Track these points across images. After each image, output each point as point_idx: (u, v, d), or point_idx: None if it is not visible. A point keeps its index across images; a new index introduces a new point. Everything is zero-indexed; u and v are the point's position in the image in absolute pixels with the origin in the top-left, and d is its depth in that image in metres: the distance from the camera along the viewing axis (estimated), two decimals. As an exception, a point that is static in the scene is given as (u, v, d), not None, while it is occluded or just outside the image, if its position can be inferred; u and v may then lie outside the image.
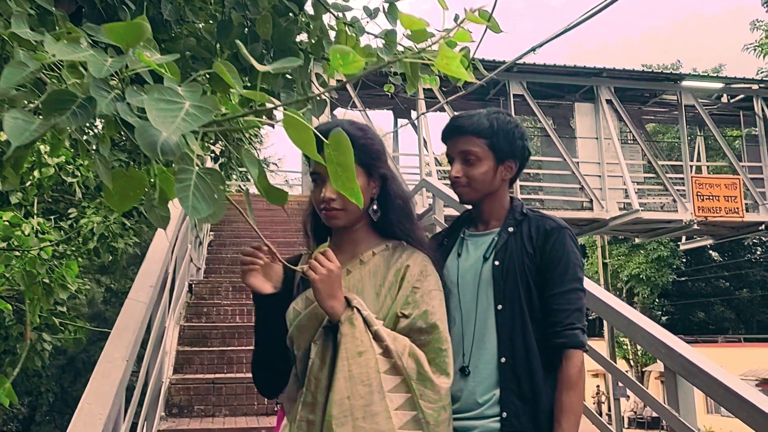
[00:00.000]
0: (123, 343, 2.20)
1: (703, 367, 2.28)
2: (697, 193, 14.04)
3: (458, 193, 1.84)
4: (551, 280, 1.69)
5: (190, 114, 1.05)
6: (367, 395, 1.43)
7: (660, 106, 16.64)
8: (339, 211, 1.61)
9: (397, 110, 15.54)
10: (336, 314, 1.49)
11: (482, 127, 1.77)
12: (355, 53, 1.12)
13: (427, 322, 1.54)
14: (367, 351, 1.46)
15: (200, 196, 1.07)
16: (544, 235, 1.73)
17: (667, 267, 25.37)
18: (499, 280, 1.72)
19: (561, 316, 1.67)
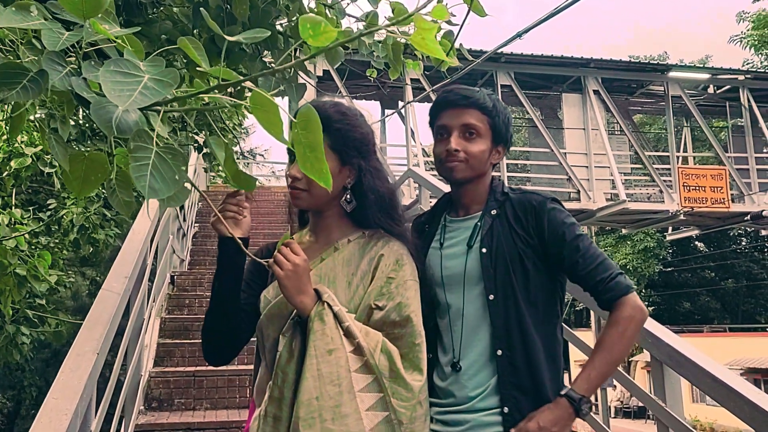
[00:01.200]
0: (94, 336, 2.13)
1: (690, 356, 2.23)
2: (683, 183, 14.05)
3: (452, 167, 1.71)
4: (566, 250, 1.62)
5: (148, 88, 0.98)
6: (337, 396, 1.37)
7: (647, 97, 16.64)
8: (302, 191, 1.55)
9: (385, 101, 15.44)
10: (305, 309, 1.43)
11: (487, 104, 1.70)
12: (326, 23, 1.05)
13: (401, 315, 1.48)
14: (337, 349, 1.40)
15: (159, 176, 1.00)
16: (533, 212, 1.66)
17: (654, 258, 25.50)
18: (489, 269, 1.63)
19: (598, 274, 1.60)
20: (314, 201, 1.56)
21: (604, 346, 1.56)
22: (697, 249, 31.66)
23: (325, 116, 1.52)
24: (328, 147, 1.52)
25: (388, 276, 1.51)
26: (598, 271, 1.60)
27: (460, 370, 1.64)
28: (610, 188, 13.76)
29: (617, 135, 15.70)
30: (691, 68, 15.44)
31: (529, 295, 1.62)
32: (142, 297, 3.28)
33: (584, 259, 1.61)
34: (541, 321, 1.63)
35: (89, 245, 5.89)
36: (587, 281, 1.61)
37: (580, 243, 1.62)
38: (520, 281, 1.63)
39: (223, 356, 1.61)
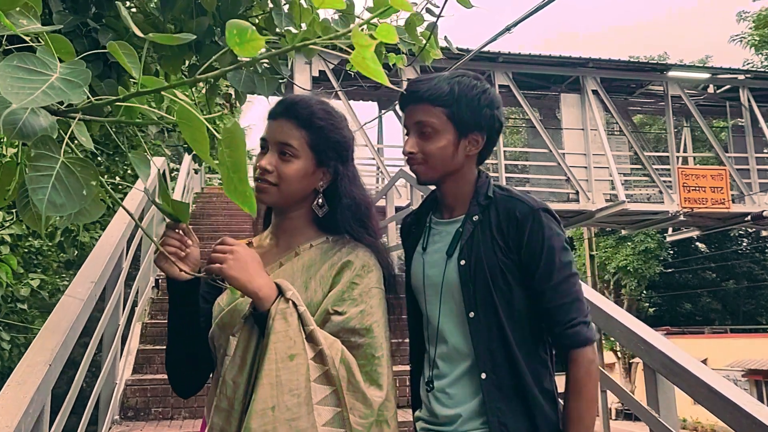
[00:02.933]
0: (48, 346, 2.00)
1: (684, 364, 2.11)
2: (683, 184, 13.94)
3: (413, 171, 1.56)
4: (538, 275, 1.43)
5: (54, 87, 0.87)
6: (295, 407, 1.23)
7: (646, 97, 16.54)
8: (271, 186, 1.41)
9: (382, 101, 15.33)
10: (265, 297, 1.28)
11: (440, 92, 1.49)
12: (254, 30, 0.93)
13: (362, 324, 1.34)
14: (299, 354, 1.25)
15: (63, 189, 0.89)
16: (516, 223, 1.46)
17: (654, 259, 25.34)
18: (468, 283, 1.46)
19: (558, 314, 1.42)
20: (282, 199, 1.43)
21: (575, 417, 1.41)
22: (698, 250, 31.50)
23: (309, 112, 1.42)
24: (306, 144, 1.41)
25: (351, 281, 1.38)
26: (562, 312, 1.42)
27: (433, 389, 1.52)
28: (610, 189, 13.64)
29: (616, 135, 15.58)
30: (690, 68, 15.31)
31: (513, 313, 1.46)
32: (115, 302, 3.14)
33: (553, 292, 1.43)
34: (526, 341, 1.46)
35: (74, 248, 5.76)
36: (548, 317, 1.45)
37: (556, 271, 1.43)
38: (501, 297, 1.45)
39: (191, 387, 1.47)
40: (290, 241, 1.48)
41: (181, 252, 1.31)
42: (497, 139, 1.58)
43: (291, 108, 1.43)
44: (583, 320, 1.43)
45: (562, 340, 1.43)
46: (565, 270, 1.44)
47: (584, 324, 1.43)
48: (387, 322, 1.41)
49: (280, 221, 1.50)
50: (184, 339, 1.40)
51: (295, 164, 1.41)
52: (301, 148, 1.41)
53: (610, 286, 26.76)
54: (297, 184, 1.42)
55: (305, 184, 1.44)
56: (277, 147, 1.42)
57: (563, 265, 1.44)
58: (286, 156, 1.41)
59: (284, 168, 1.41)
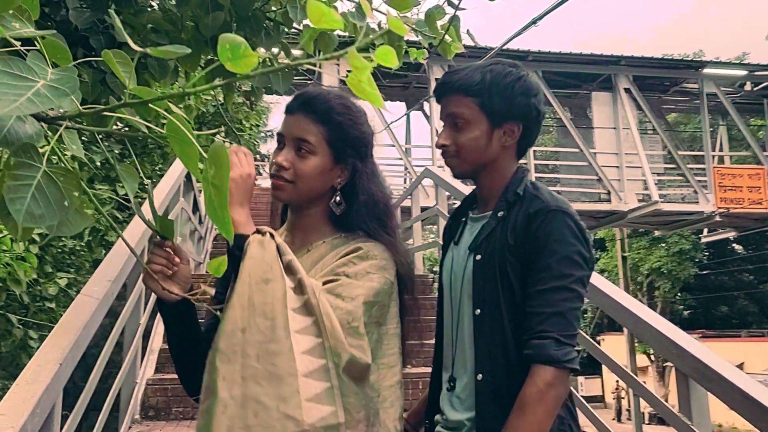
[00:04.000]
0: (60, 344, 1.97)
1: (718, 369, 2.00)
2: (719, 183, 13.62)
3: (448, 165, 1.52)
4: (530, 276, 1.34)
5: (40, 95, 0.83)
6: (268, 331, 1.13)
7: (681, 95, 16.18)
8: (287, 183, 1.36)
9: (410, 101, 15.26)
10: (242, 225, 1.23)
11: (471, 82, 1.43)
12: (247, 46, 0.88)
13: (348, 292, 1.25)
14: (275, 280, 1.18)
15: (43, 200, 0.84)
16: (526, 220, 1.37)
17: (689, 260, 24.81)
18: (479, 279, 1.40)
19: (532, 322, 1.30)
20: (298, 196, 1.38)
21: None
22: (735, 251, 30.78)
23: (327, 107, 1.37)
24: (324, 140, 1.36)
25: (351, 260, 1.31)
26: (535, 320, 1.30)
27: (454, 389, 1.44)
28: (643, 189, 13.38)
29: (650, 134, 15.28)
30: (727, 65, 14.96)
31: (515, 314, 1.36)
32: (135, 300, 3.12)
33: (537, 297, 1.32)
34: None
35: (102, 248, 5.81)
36: (524, 320, 1.33)
37: (548, 278, 1.32)
38: (506, 296, 1.37)
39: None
40: (305, 238, 1.43)
41: (167, 270, 1.26)
42: (537, 129, 1.50)
43: (309, 102, 1.38)
44: (556, 336, 1.28)
45: (525, 350, 1.30)
46: (561, 280, 1.32)
47: (555, 341, 1.27)
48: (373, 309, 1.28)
49: (296, 218, 1.45)
50: (188, 355, 1.35)
51: (312, 161, 1.36)
52: (318, 144, 1.36)
53: (643, 289, 26.29)
54: (314, 181, 1.37)
55: (322, 181, 1.38)
56: (293, 143, 1.37)
57: (560, 274, 1.32)
58: (302, 152, 1.36)
59: (301, 164, 1.36)
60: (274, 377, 1.11)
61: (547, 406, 1.26)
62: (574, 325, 1.32)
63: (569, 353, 1.29)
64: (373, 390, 1.25)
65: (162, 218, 1.22)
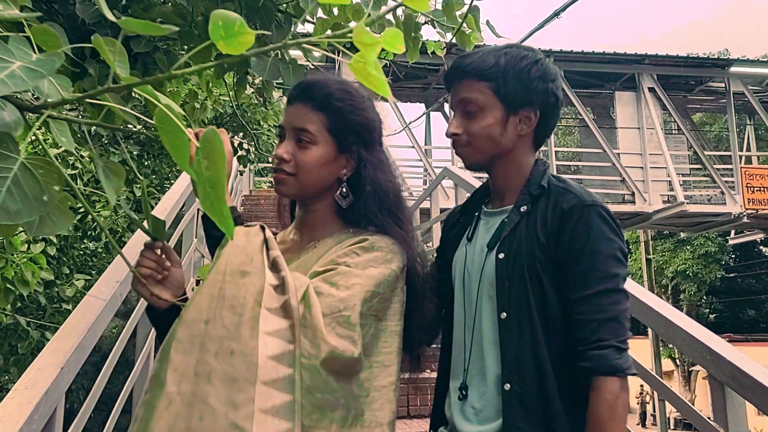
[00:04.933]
0: (63, 348, 1.90)
1: (759, 377, 1.87)
2: (746, 184, 13.32)
3: (459, 155, 1.42)
4: (572, 280, 1.23)
5: (15, 77, 0.76)
6: (233, 327, 1.03)
7: (706, 95, 15.88)
8: (288, 176, 1.28)
9: (430, 102, 15.15)
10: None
11: (485, 65, 1.33)
12: (243, 23, 0.78)
13: (345, 280, 1.15)
14: (254, 274, 1.08)
15: (20, 194, 0.76)
16: (561, 216, 1.27)
17: (715, 263, 24.36)
18: (503, 279, 1.29)
19: (585, 331, 1.20)
20: (302, 189, 1.29)
21: None
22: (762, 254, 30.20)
23: (326, 93, 1.29)
24: (325, 129, 1.28)
25: (353, 251, 1.21)
26: (589, 328, 1.20)
27: (466, 397, 1.33)
28: (668, 190, 13.13)
29: (675, 135, 15.01)
30: (754, 63, 14.65)
31: (547, 317, 1.26)
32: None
33: (586, 303, 1.21)
34: (561, 353, 1.25)
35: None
36: (575, 329, 1.22)
37: (594, 280, 1.22)
38: (537, 298, 1.26)
39: None
40: (312, 234, 1.34)
41: (157, 275, 1.18)
42: (555, 117, 1.40)
43: (306, 90, 1.30)
44: (615, 344, 1.19)
45: (583, 363, 1.20)
46: (608, 282, 1.22)
47: (615, 349, 1.18)
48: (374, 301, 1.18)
49: (303, 214, 1.37)
50: None
51: (314, 151, 1.27)
52: (319, 134, 1.27)
53: (668, 292, 25.87)
54: (317, 173, 1.28)
55: (326, 172, 1.30)
56: (293, 133, 1.29)
57: (607, 275, 1.23)
58: (303, 143, 1.27)
59: (302, 156, 1.27)
60: (229, 379, 0.99)
61: (620, 419, 1.18)
62: (627, 328, 1.22)
63: (628, 359, 1.20)
64: (361, 389, 1.13)
65: (153, 218, 1.13)
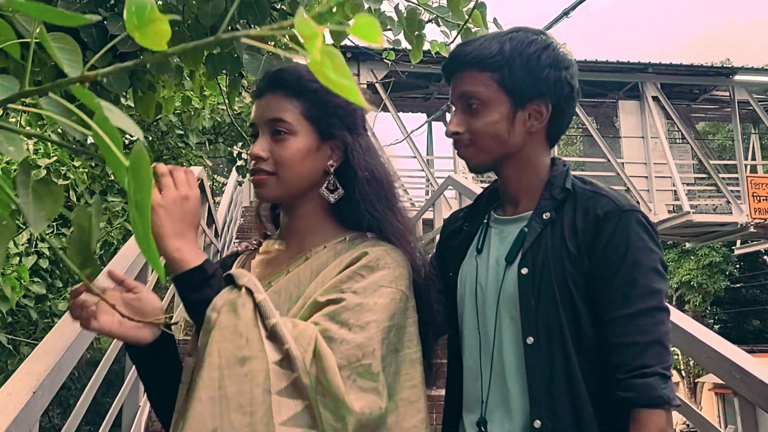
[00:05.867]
0: (36, 370, 1.75)
1: (796, 400, 1.71)
2: (753, 194, 13.14)
3: (461, 156, 1.25)
4: (609, 296, 1.08)
5: None
6: (247, 429, 0.90)
7: (710, 103, 15.74)
8: (269, 175, 1.12)
9: (431, 112, 15.04)
10: (184, 262, 0.97)
11: (488, 54, 1.17)
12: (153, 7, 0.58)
13: (356, 318, 1.00)
14: (254, 358, 0.93)
15: None
16: (595, 222, 1.11)
17: (720, 273, 24.14)
18: (528, 298, 1.12)
19: (626, 356, 1.05)
20: (285, 189, 1.14)
21: None
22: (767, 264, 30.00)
23: (297, 77, 1.14)
24: (303, 116, 1.13)
25: (357, 272, 1.06)
26: (631, 353, 1.05)
27: None
28: (673, 199, 12.96)
29: (678, 144, 14.86)
30: (758, 71, 14.49)
31: (581, 341, 1.10)
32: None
33: (627, 324, 1.06)
34: (597, 378, 1.09)
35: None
36: (613, 353, 1.07)
37: (636, 297, 1.06)
38: (569, 319, 1.10)
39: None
40: (301, 243, 1.18)
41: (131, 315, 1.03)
42: (570, 111, 1.23)
43: (275, 78, 1.15)
44: (660, 372, 1.04)
45: (624, 392, 1.04)
46: (650, 299, 1.07)
47: (660, 377, 1.03)
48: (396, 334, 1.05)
49: (289, 220, 1.21)
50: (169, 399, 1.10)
51: (293, 142, 1.12)
52: (296, 122, 1.12)
53: (673, 302, 25.64)
54: (299, 167, 1.13)
55: (310, 165, 1.14)
56: (267, 127, 1.13)
57: (649, 291, 1.07)
58: (280, 135, 1.12)
59: (280, 150, 1.12)
60: None
61: None
62: (670, 351, 1.06)
63: (674, 388, 1.04)
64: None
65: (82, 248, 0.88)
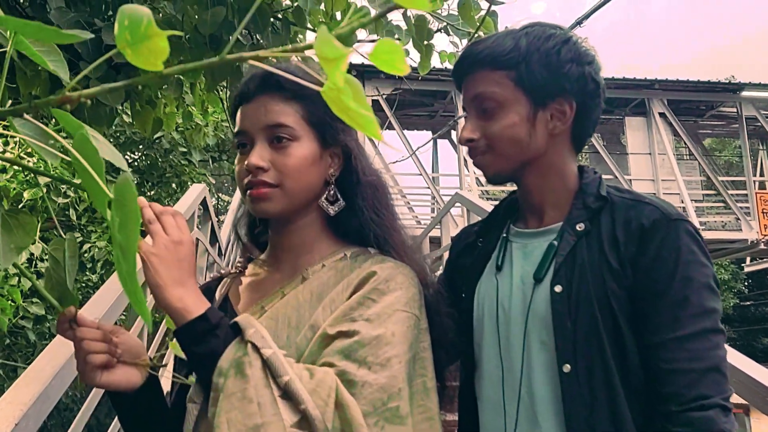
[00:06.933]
0: (22, 399, 1.63)
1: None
2: (762, 210, 13.01)
3: (477, 165, 1.12)
4: (656, 316, 0.95)
5: None
6: None
7: (718, 119, 15.65)
8: (272, 188, 0.99)
9: (436, 130, 14.98)
10: (187, 312, 0.85)
11: (502, 51, 1.05)
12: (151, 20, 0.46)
13: (374, 354, 0.88)
14: (269, 424, 0.82)
15: None
16: (640, 233, 0.98)
17: (729, 291, 23.90)
18: (564, 319, 1.00)
19: (680, 385, 0.91)
20: (290, 202, 1.02)
21: None
22: (776, 281, 29.74)
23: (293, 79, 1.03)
24: (305, 120, 1.01)
25: (367, 296, 0.94)
26: (685, 382, 0.91)
27: None
28: (681, 216, 12.82)
29: (686, 160, 14.73)
30: (766, 87, 14.40)
31: (627, 369, 0.96)
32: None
33: (678, 348, 0.93)
34: (645, 411, 0.95)
35: (114, 282, 5.52)
36: (662, 381, 0.93)
37: (688, 318, 0.93)
38: (612, 343, 0.97)
39: None
40: (296, 262, 1.06)
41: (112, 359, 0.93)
42: (597, 109, 1.10)
43: (269, 80, 1.02)
44: (720, 403, 0.91)
45: (680, 427, 0.91)
46: (704, 319, 0.94)
47: (721, 410, 0.90)
48: (413, 364, 0.94)
49: (281, 237, 1.08)
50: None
51: (297, 149, 1.00)
52: (298, 127, 1.01)
53: (682, 320, 25.42)
54: (305, 176, 1.01)
55: (315, 174, 1.03)
56: (265, 134, 1.01)
57: (703, 310, 0.94)
58: (282, 142, 1.00)
59: (283, 159, 0.99)
60: None
61: None
62: (728, 379, 0.93)
63: (735, 423, 0.91)
64: None
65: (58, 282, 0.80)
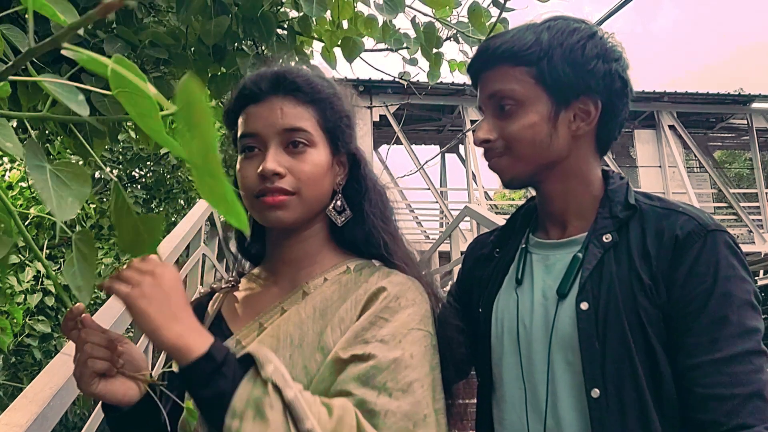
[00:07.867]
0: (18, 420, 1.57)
1: None
2: (775, 222, 12.86)
3: (493, 169, 1.04)
4: (693, 336, 0.86)
5: None
6: None
7: (728, 131, 15.55)
8: (289, 196, 0.93)
9: (444, 144, 14.95)
10: (189, 351, 0.77)
11: (522, 46, 0.97)
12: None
13: (395, 379, 0.82)
14: None
15: None
16: (674, 245, 0.90)
17: (742, 305, 23.67)
18: (591, 340, 0.91)
19: (719, 412, 0.83)
20: (305, 210, 0.96)
21: None
22: (790, 295, 29.43)
23: (309, 81, 0.97)
24: (319, 126, 0.96)
25: (379, 315, 0.87)
26: (726, 408, 0.82)
27: None
28: (693, 230, 12.69)
29: (696, 173, 14.63)
30: (776, 98, 14.32)
31: (661, 393, 0.88)
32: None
33: (716, 372, 0.84)
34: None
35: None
36: (696, 410, 0.85)
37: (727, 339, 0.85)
38: (645, 366, 0.88)
39: None
40: (296, 275, 0.99)
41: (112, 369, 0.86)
42: (624, 109, 1.01)
43: (283, 81, 0.96)
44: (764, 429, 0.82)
45: None
46: (746, 340, 0.85)
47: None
48: (435, 385, 0.87)
49: (282, 249, 1.02)
50: None
51: (314, 156, 0.95)
52: (315, 132, 0.95)
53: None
54: (321, 185, 0.97)
55: (328, 183, 0.98)
56: (281, 138, 0.94)
57: (743, 330, 0.86)
58: (298, 147, 0.94)
59: (301, 164, 0.94)
60: None
61: None
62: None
63: None
64: None
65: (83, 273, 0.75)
